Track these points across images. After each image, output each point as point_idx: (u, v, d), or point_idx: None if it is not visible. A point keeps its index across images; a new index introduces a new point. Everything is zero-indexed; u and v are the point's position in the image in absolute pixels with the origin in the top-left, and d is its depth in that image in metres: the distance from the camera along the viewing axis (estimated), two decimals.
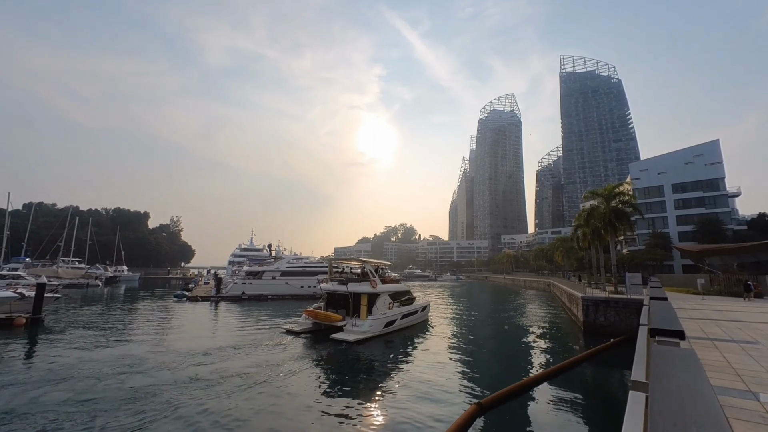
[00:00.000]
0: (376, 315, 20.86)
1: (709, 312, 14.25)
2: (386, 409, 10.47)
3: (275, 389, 11.75)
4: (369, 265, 24.36)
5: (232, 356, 15.79)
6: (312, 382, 12.82)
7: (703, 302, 19.03)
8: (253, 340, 19.32)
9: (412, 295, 26.55)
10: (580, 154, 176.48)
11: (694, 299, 21.14)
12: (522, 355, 18.50)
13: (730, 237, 49.61)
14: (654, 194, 60.84)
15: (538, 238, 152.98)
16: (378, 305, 21.46)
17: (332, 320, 20.52)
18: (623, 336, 19.98)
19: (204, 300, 39.46)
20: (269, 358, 15.56)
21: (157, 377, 12.85)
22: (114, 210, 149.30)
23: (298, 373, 13.62)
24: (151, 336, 20.78)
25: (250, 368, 13.82)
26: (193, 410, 9.99)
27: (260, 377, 12.78)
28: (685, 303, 18.60)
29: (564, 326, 25.65)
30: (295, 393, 11.60)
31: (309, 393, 11.69)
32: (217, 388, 11.62)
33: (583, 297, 23.03)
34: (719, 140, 56.87)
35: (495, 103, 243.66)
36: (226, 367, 14.00)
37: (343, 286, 21.85)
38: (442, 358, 16.57)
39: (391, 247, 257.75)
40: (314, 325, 21.18)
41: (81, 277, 58.70)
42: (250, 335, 20.80)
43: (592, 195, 28.00)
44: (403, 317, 23.08)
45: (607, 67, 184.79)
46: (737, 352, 7.80)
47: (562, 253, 57.89)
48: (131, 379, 12.49)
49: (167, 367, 13.99)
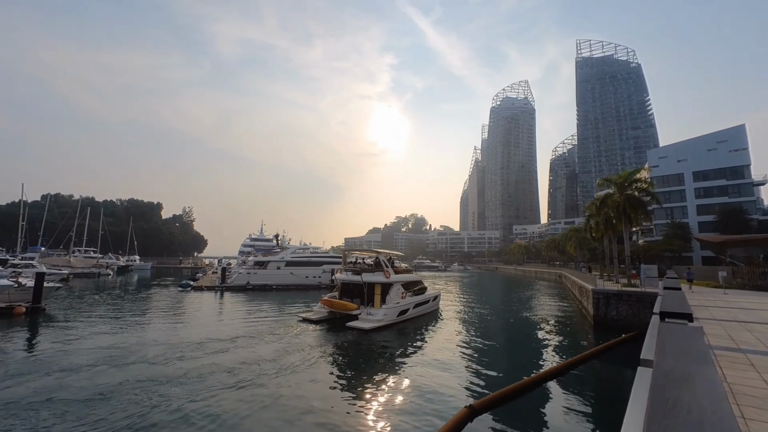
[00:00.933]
0: (390, 304, 21.27)
1: (736, 311, 12.44)
2: (395, 400, 10.59)
3: (298, 377, 12.08)
4: (382, 255, 24.59)
5: (252, 344, 16.08)
6: (331, 369, 13.20)
7: (726, 297, 17.64)
8: (270, 329, 19.38)
9: (423, 284, 26.84)
10: (596, 142, 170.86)
11: (715, 293, 19.71)
12: (525, 352, 17.53)
13: (755, 227, 47.10)
14: (673, 182, 58.13)
15: (551, 229, 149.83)
16: (391, 294, 21.93)
17: (348, 309, 21.03)
18: (636, 331, 18.82)
19: (209, 290, 39.50)
20: (289, 346, 15.88)
21: (168, 366, 12.88)
22: (128, 201, 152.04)
23: (318, 360, 14.02)
24: (152, 325, 20.60)
25: (276, 355, 14.38)
26: (231, 395, 10.38)
27: (284, 364, 13.17)
28: (704, 298, 17.24)
29: (574, 320, 24.50)
30: (317, 379, 12.06)
31: (329, 380, 12.14)
32: (244, 375, 12.05)
33: (594, 290, 21.82)
34: (745, 125, 53.74)
35: (508, 91, 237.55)
36: (252, 354, 14.49)
37: (357, 276, 22.32)
38: (445, 354, 15.67)
39: (401, 238, 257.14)
40: (330, 314, 21.63)
41: (93, 266, 59.91)
42: (265, 325, 20.68)
43: (606, 182, 26.39)
44: (416, 306, 23.48)
45: (626, 51, 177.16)
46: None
47: (575, 244, 56.10)
48: (125, 371, 12.28)
49: (177, 357, 13.98)
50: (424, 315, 24.46)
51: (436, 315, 25.43)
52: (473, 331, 21.09)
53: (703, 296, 17.94)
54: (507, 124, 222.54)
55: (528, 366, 14.39)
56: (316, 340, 17.26)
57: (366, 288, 22.02)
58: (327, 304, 21.79)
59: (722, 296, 17.85)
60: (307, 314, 22.32)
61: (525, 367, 14.05)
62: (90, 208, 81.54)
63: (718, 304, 14.57)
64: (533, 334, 20.89)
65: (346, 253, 28.85)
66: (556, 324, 23.46)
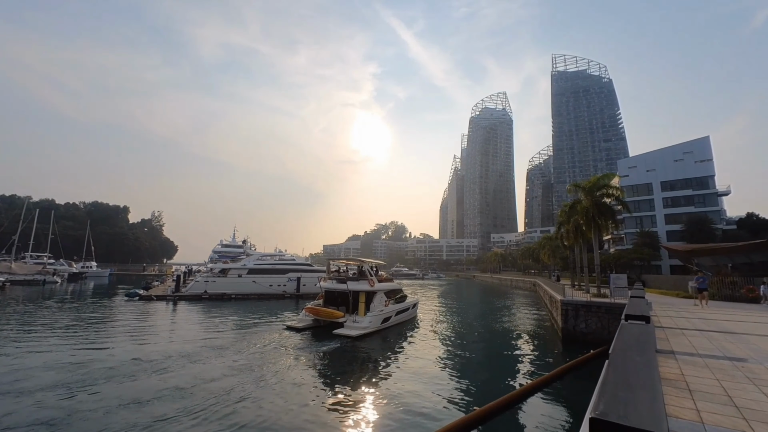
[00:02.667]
0: (374, 312, 21.67)
1: (719, 336, 9.46)
2: (385, 402, 10.73)
3: (286, 386, 11.82)
4: (366, 264, 25.19)
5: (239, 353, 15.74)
6: (320, 376, 13.28)
7: (700, 310, 16.60)
8: (253, 338, 18.93)
9: (404, 293, 27.65)
10: (570, 153, 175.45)
11: (686, 305, 18.72)
12: (487, 373, 15.74)
13: (720, 237, 47.89)
14: (643, 192, 59.01)
15: (527, 237, 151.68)
16: (375, 302, 22.37)
17: (334, 317, 21.19)
18: (605, 346, 17.51)
19: (159, 299, 36.23)
20: (276, 354, 15.86)
21: None
22: (91, 204, 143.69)
23: (307, 368, 14.07)
24: (64, 343, 17.68)
25: (261, 363, 14.23)
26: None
27: (268, 373, 13.10)
28: (677, 312, 16.06)
29: (543, 333, 23.04)
30: (308, 385, 12.02)
31: (320, 387, 12.06)
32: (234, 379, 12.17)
33: (562, 301, 20.52)
34: (709, 137, 55.21)
35: (487, 101, 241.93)
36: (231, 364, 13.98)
37: (343, 285, 22.80)
38: (420, 365, 13.89)
39: (380, 245, 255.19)
40: (314, 322, 21.75)
41: (37, 273, 54.94)
42: (222, 338, 18.87)
43: (575, 188, 25.51)
44: (397, 314, 24.03)
45: (599, 67, 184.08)
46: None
47: (548, 252, 55.75)
48: None
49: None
50: (405, 322, 25.17)
51: (414, 322, 26.00)
52: (438, 348, 19.27)
53: (674, 309, 16.80)
54: (486, 134, 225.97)
55: (487, 391, 12.68)
56: (301, 348, 17.16)
57: (351, 296, 22.45)
58: (313, 312, 21.76)
59: (696, 310, 16.76)
60: (291, 322, 22.39)
61: (484, 393, 12.33)
62: (38, 210, 75.44)
63: (693, 320, 13.22)
64: (500, 351, 19.26)
65: (330, 262, 28.84)
66: (525, 337, 21.98)
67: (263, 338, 18.94)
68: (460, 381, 13.32)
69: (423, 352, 17.58)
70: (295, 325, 21.52)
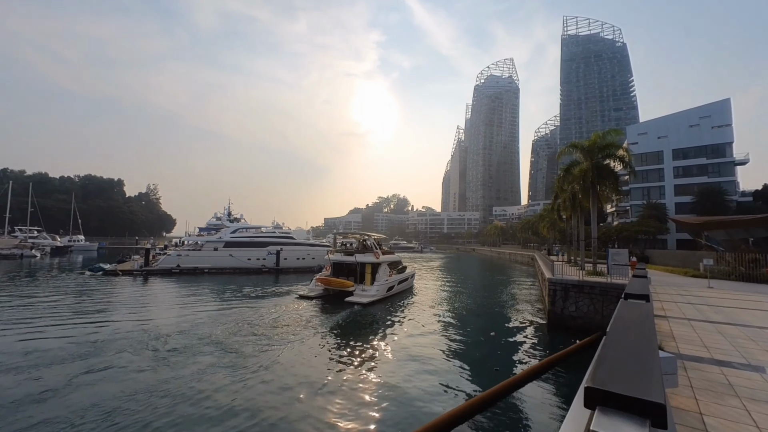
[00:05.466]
0: (380, 281, 23.58)
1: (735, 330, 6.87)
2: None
3: (309, 348, 13.05)
4: (371, 239, 27.73)
5: None
6: (336, 340, 14.37)
7: (715, 293, 13.63)
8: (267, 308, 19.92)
9: (404, 264, 29.79)
10: (578, 123, 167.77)
11: (698, 286, 15.76)
12: (460, 369, 13.10)
13: (734, 209, 44.29)
14: (652, 161, 54.73)
15: (530, 210, 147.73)
16: (380, 273, 24.16)
17: (345, 286, 22.83)
18: (596, 334, 14.75)
19: (125, 274, 34.05)
20: (297, 319, 17.42)
21: None
22: (85, 177, 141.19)
23: (326, 332, 15.34)
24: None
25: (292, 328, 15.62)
26: None
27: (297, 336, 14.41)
28: (684, 296, 13.16)
29: (531, 317, 20.21)
30: (332, 347, 13.48)
31: (343, 347, 13.49)
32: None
33: (550, 279, 17.63)
34: (730, 99, 50.17)
35: (492, 69, 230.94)
36: None
37: (350, 257, 24.42)
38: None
39: (382, 218, 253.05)
40: (324, 291, 23.53)
41: (14, 247, 53.11)
42: None
43: (572, 148, 21.75)
44: (399, 283, 26.18)
45: (612, 30, 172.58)
46: None
47: (547, 225, 52.59)
48: None
49: None
50: (405, 290, 27.57)
51: (412, 291, 28.25)
52: (418, 332, 16.69)
53: (680, 293, 13.82)
54: (490, 103, 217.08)
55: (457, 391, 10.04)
56: (317, 314, 18.76)
57: (359, 267, 24.16)
58: (324, 282, 23.41)
59: (710, 293, 13.78)
60: (303, 291, 24.42)
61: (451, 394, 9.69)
62: (11, 182, 72.91)
63: (706, 310, 10.18)
64: (481, 338, 16.56)
65: (337, 237, 32.07)
66: (510, 322, 19.22)
67: (279, 307, 20.23)
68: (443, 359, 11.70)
69: (421, 318, 18.96)
70: (307, 294, 23.41)
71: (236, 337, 14.04)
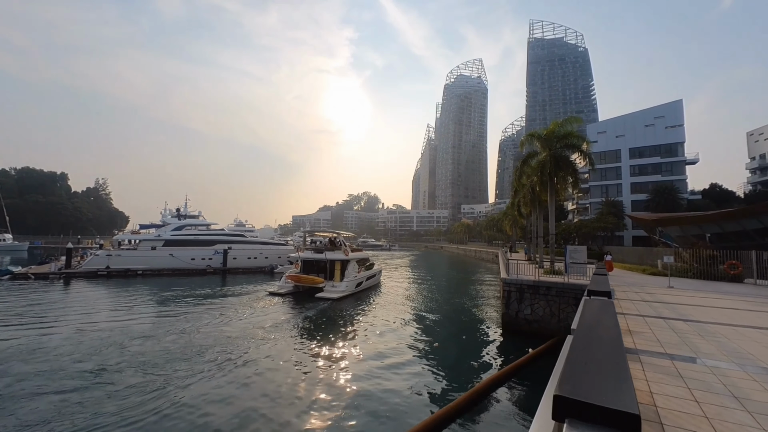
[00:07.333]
0: (349, 277, 24.23)
1: None
2: None
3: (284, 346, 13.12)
4: (340, 237, 28.38)
5: None
6: (317, 331, 15.15)
7: (678, 294, 12.44)
8: None
9: (371, 261, 30.80)
10: (543, 123, 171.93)
11: (658, 285, 14.65)
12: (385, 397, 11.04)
13: (685, 207, 45.61)
14: (611, 159, 55.83)
15: (496, 209, 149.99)
16: (349, 270, 24.83)
17: (315, 282, 23.30)
18: (553, 339, 13.22)
19: (39, 278, 29.58)
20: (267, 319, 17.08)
21: None
22: (23, 169, 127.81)
23: (303, 326, 15.91)
24: None
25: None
26: None
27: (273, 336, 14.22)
28: (645, 300, 11.85)
29: (487, 320, 18.58)
30: (307, 341, 13.79)
31: (317, 341, 13.79)
32: None
33: (504, 280, 16.04)
34: (682, 100, 51.91)
35: (462, 68, 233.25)
36: None
37: (320, 255, 24.92)
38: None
39: (351, 216, 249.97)
40: (294, 288, 24.04)
41: None
42: None
43: (530, 138, 20.36)
44: (367, 279, 27.08)
45: (575, 35, 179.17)
46: None
47: (510, 222, 52.26)
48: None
49: None
50: (372, 286, 28.35)
51: (379, 287, 28.82)
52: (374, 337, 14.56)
53: (640, 293, 12.52)
54: (460, 102, 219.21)
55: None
56: (291, 311, 19.06)
57: (328, 264, 24.66)
58: (294, 279, 23.75)
59: (673, 294, 12.56)
60: (273, 289, 24.47)
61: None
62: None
63: (677, 322, 8.76)
64: (436, 343, 14.64)
65: (307, 234, 33.85)
66: (462, 328, 17.49)
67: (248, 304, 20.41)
68: None
69: (388, 312, 19.72)
70: (277, 291, 23.71)
71: (163, 352, 12.39)
